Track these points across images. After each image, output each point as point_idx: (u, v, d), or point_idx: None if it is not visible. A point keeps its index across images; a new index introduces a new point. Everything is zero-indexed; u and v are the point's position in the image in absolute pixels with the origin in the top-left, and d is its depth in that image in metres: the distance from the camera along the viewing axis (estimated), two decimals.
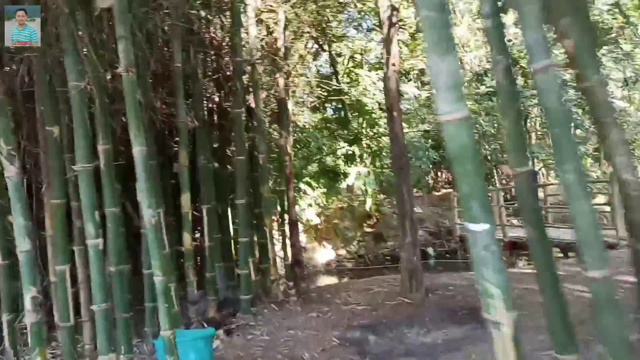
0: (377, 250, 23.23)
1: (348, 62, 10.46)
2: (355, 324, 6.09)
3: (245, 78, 7.13)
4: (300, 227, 16.47)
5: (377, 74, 17.48)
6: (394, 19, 6.96)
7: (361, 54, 12.23)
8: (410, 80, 21.90)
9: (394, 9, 6.94)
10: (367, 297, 7.25)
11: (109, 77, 4.83)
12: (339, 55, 10.45)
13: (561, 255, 13.17)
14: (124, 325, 4.79)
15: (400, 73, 21.68)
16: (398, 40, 7.18)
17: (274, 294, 7.13)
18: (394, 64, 6.87)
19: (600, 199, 15.93)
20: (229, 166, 7.76)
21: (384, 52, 6.93)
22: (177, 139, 6.83)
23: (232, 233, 7.53)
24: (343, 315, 6.46)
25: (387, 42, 6.87)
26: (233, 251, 7.58)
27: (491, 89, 21.15)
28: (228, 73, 7.26)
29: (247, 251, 6.83)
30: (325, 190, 21.09)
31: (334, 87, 10.39)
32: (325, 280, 18.73)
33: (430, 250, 22.42)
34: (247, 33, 7.21)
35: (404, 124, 18.67)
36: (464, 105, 1.99)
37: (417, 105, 18.10)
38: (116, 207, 4.71)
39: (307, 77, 10.70)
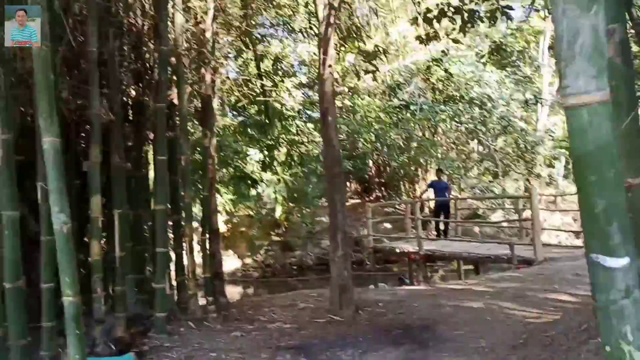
0: (284, 260, 22.84)
1: (274, 63, 9.94)
2: (284, 345, 5.57)
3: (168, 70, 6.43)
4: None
5: (306, 76, 17.09)
6: (332, 19, 6.58)
7: (280, 59, 11.75)
8: None
9: (332, 7, 6.55)
10: (293, 313, 6.75)
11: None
12: (264, 56, 9.90)
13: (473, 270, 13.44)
14: (21, 354, 3.98)
15: (314, 82, 21.51)
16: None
17: (192, 310, 6.44)
18: (330, 66, 6.47)
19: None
20: (146, 167, 6.99)
21: (320, 53, 6.51)
22: (86, 133, 6.02)
23: (147, 242, 6.75)
24: (270, 335, 5.91)
25: (324, 42, 6.46)
26: (147, 262, 6.81)
27: (403, 102, 21.48)
28: (149, 63, 6.54)
29: (164, 263, 6.12)
30: (234, 196, 20.44)
31: (258, 88, 9.81)
32: (231, 290, 18.04)
33: None
34: (172, 21, 6.51)
35: (315, 132, 18.70)
36: (606, 84, 1.43)
37: None
38: (15, 211, 3.91)
39: (231, 76, 10.10)
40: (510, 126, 22.53)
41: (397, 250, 13.59)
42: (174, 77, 6.63)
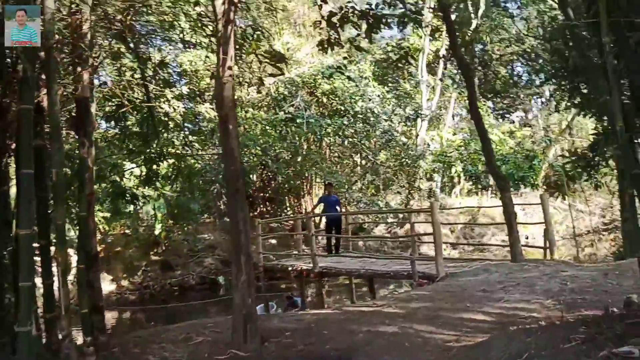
0: (164, 280, 21.47)
1: (158, 68, 8.99)
2: None
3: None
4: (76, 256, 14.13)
5: (188, 87, 16.06)
6: (232, 15, 5.89)
7: (166, 64, 10.78)
8: (206, 101, 20.90)
9: (231, 3, 5.87)
10: (188, 349, 5.87)
11: None
12: (149, 58, 8.93)
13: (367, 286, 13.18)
14: None
15: (195, 93, 20.49)
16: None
17: (65, 354, 5.37)
18: (230, 67, 5.77)
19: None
20: (5, 182, 5.78)
21: (219, 53, 5.79)
22: None
23: (6, 273, 5.54)
24: None
25: (223, 40, 5.75)
26: (7, 299, 5.60)
27: (289, 115, 21.13)
28: (11, 57, 5.42)
29: (29, 298, 5.01)
30: (108, 214, 18.79)
31: (140, 95, 8.81)
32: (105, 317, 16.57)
33: (221, 279, 21.40)
34: (41, 5, 5.44)
35: (197, 145, 17.70)
36: None
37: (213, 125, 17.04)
38: None
39: (109, 80, 9.00)
40: (393, 140, 22.97)
41: (290, 269, 13.00)
42: (43, 75, 5.56)
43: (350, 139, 23.53)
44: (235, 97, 20.46)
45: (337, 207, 14.20)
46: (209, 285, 21.46)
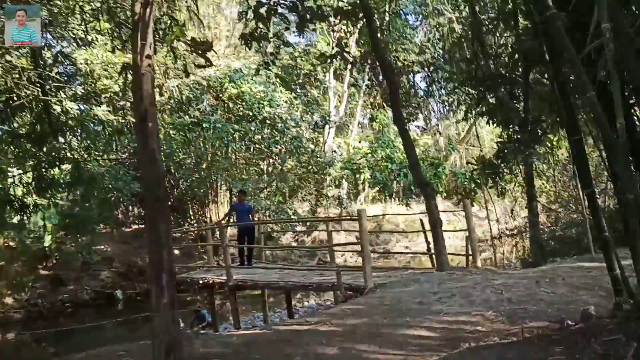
0: (55, 297, 19.66)
1: (54, 61, 7.91)
2: None
3: None
4: None
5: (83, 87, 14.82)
6: None
7: (66, 56, 9.65)
8: (103, 104, 19.54)
9: None
10: None
11: None
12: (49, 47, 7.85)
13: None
14: None
15: (90, 95, 19.05)
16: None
17: None
18: (149, 56, 5.02)
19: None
20: None
21: (135, 40, 5.02)
22: None
23: None
24: None
25: (142, 23, 4.99)
26: None
27: (194, 119, 20.16)
28: None
29: None
30: None
31: (34, 90, 7.71)
32: None
33: (118, 293, 20.00)
34: None
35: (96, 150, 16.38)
36: None
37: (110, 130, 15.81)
38: None
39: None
40: (301, 147, 22.61)
41: (201, 282, 12.16)
42: None
43: (258, 145, 22.92)
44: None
45: (250, 216, 13.56)
46: (105, 301, 19.97)
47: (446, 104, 28.82)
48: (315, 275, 10.24)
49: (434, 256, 12.51)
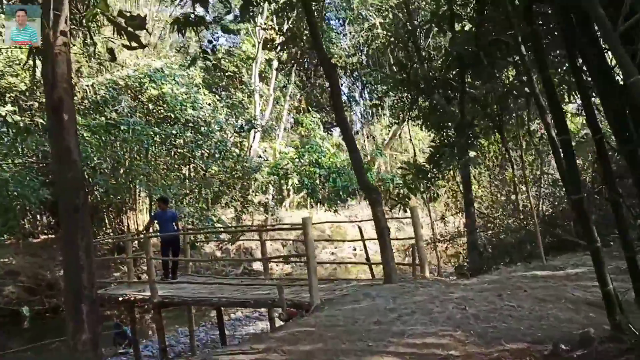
0: None
1: None
2: None
3: None
4: None
5: None
6: None
7: None
8: (7, 103, 17.80)
9: None
10: None
11: None
12: None
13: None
14: None
15: None
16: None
17: None
18: (64, 33, 4.06)
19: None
20: None
21: (47, 7, 4.03)
22: None
23: None
24: None
25: None
26: None
27: (112, 121, 18.70)
28: None
29: None
30: None
31: None
32: None
33: (24, 309, 18.20)
34: None
35: None
36: None
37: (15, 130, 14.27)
38: None
39: None
40: (226, 151, 21.59)
41: (120, 299, 11.00)
42: None
43: (180, 150, 21.69)
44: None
45: (174, 225, 12.46)
46: (10, 318, 18.10)
47: (373, 109, 28.64)
48: (251, 289, 9.39)
49: (373, 267, 12.05)
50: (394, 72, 16.24)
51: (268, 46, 22.23)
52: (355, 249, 27.60)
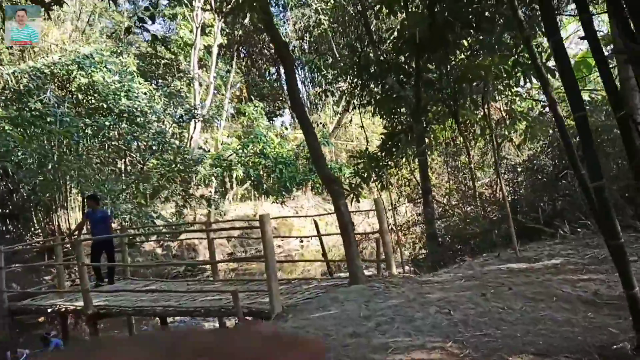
0: None
1: None
2: None
3: None
4: None
5: None
6: None
7: None
8: None
9: None
10: None
11: None
12: None
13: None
14: None
15: None
16: None
17: None
18: None
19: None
20: None
21: None
22: None
23: None
24: None
25: None
26: None
27: (37, 113, 17.08)
28: None
29: None
30: None
31: None
32: None
33: None
34: None
35: None
36: None
37: None
38: None
39: None
40: (165, 143, 20.27)
41: (50, 310, 9.79)
42: None
43: (115, 142, 20.22)
44: None
45: (106, 225, 11.24)
46: None
47: (320, 96, 27.81)
48: (200, 295, 8.43)
49: (330, 263, 11.31)
50: (343, 56, 15.44)
51: (215, 15, 20.89)
52: (302, 241, 26.92)
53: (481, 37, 11.98)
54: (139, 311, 8.57)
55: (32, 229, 20.56)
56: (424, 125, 13.10)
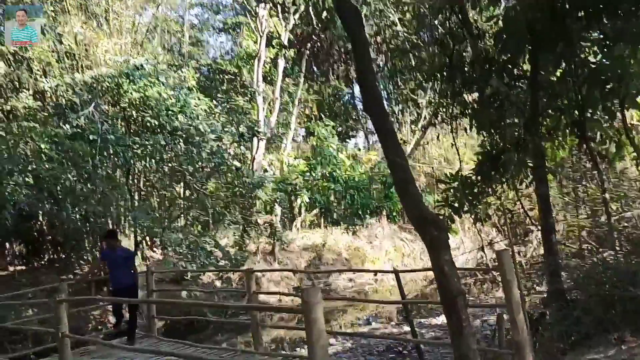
0: None
1: None
2: None
3: None
4: None
5: None
6: None
7: None
8: None
9: None
10: None
11: None
12: None
13: None
14: None
15: None
16: None
17: None
18: None
19: None
20: None
21: None
22: None
23: None
24: None
25: None
26: None
27: (78, 130, 15.21)
28: None
29: None
30: None
31: None
32: None
33: None
34: None
35: None
36: None
37: None
38: None
39: None
40: (223, 165, 17.97)
41: None
42: None
43: (170, 164, 18.13)
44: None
45: (128, 267, 8.78)
46: None
47: (406, 105, 24.94)
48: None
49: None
50: (430, 56, 12.59)
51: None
52: (376, 274, 24.13)
53: (618, 23, 8.87)
54: None
55: (82, 259, 18.75)
56: (541, 140, 10.00)
